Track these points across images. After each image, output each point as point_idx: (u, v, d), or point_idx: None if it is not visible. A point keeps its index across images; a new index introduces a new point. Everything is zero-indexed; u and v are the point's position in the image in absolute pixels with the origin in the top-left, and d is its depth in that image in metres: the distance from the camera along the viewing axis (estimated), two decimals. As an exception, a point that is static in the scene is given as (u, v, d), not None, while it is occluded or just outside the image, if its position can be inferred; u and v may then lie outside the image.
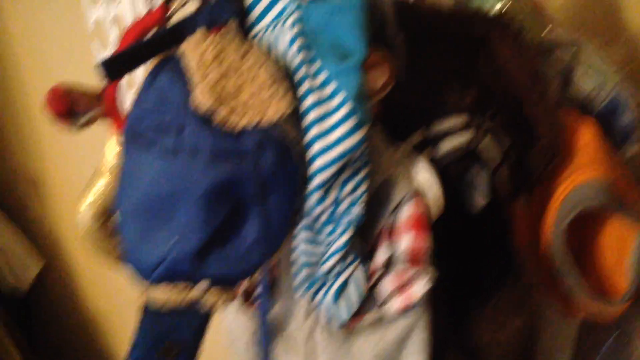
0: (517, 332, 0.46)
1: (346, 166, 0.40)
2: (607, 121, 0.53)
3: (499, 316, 0.46)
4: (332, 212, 0.41)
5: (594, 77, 0.54)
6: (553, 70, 0.53)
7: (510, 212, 0.49)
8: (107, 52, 0.73)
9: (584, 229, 0.52)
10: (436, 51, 0.50)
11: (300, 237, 0.43)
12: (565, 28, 0.55)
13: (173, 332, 0.46)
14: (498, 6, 0.53)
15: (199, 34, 0.41)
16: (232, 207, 0.40)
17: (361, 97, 0.39)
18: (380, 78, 0.41)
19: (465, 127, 0.45)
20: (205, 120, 0.39)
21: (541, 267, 0.50)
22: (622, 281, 0.50)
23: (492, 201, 0.46)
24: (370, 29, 0.41)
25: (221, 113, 0.38)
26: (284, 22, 0.41)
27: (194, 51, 0.41)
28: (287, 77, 0.41)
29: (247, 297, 0.54)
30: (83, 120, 0.44)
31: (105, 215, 0.46)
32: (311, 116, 0.39)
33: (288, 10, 0.42)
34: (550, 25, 0.55)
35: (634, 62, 0.56)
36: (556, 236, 0.49)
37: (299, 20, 0.40)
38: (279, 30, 0.42)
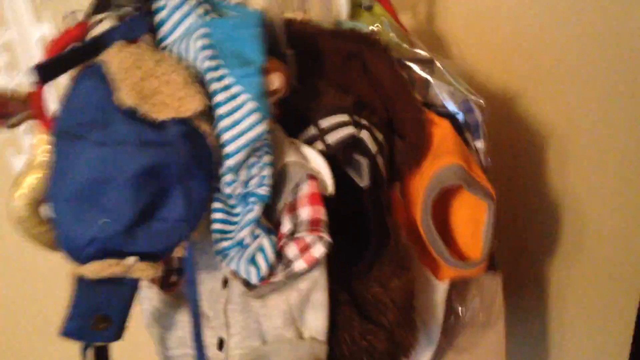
0: (399, 290, 0.56)
1: (252, 152, 0.48)
2: (458, 121, 0.65)
3: (383, 276, 0.56)
4: (243, 192, 0.49)
5: (446, 86, 0.66)
6: (414, 80, 0.65)
7: (389, 194, 0.59)
8: None
9: (446, 207, 0.64)
10: (320, 62, 0.60)
11: (216, 215, 0.50)
12: (422, 47, 0.68)
13: (103, 305, 0.51)
14: (369, 28, 0.65)
15: (117, 45, 0.49)
16: (157, 189, 0.47)
17: (262, 96, 0.48)
18: (275, 82, 0.50)
19: (346, 124, 0.55)
20: (130, 115, 0.47)
21: (415, 237, 0.61)
22: (478, 247, 0.62)
23: (373, 183, 0.56)
24: (266, 43, 0.50)
25: (144, 108, 0.46)
26: (191, 35, 0.50)
27: (114, 58, 0.48)
28: (197, 81, 0.49)
29: (165, 282, 0.61)
30: (12, 121, 0.49)
31: (37, 204, 0.51)
32: (220, 111, 0.48)
33: (195, 26, 0.50)
34: (411, 45, 0.68)
35: (476, 75, 0.70)
36: (424, 211, 0.60)
37: (206, 35, 0.49)
38: (186, 43, 0.50)
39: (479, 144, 0.66)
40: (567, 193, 0.86)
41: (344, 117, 0.55)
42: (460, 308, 0.71)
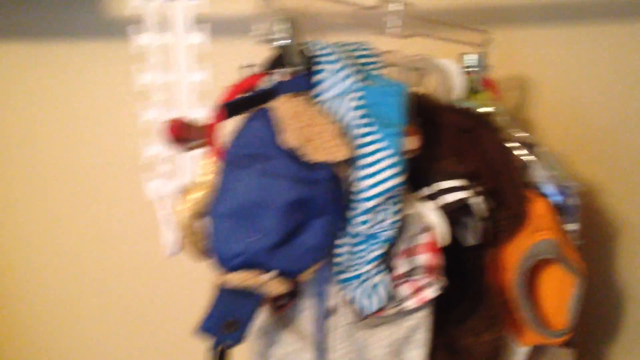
0: (488, 343, 0.62)
1: (388, 199, 0.56)
2: (556, 202, 0.72)
3: (477, 328, 0.62)
4: (372, 231, 0.57)
5: (549, 170, 0.73)
6: (519, 160, 0.72)
7: (485, 256, 0.66)
8: (152, 112, 0.85)
9: (534, 277, 0.69)
10: (439, 132, 0.68)
11: (342, 249, 0.58)
12: (530, 131, 0.76)
13: (236, 310, 0.58)
14: (484, 109, 0.74)
15: (285, 96, 0.59)
16: (301, 218, 0.56)
17: (401, 153, 0.57)
18: (412, 143, 0.59)
19: (463, 187, 0.63)
20: (289, 154, 0.56)
21: (504, 301, 0.67)
22: (562, 319, 0.67)
23: (476, 244, 0.63)
24: (407, 110, 0.59)
25: (303, 150, 0.55)
26: (345, 96, 0.59)
27: (282, 106, 0.58)
28: (346, 133, 0.58)
29: (275, 303, 0.68)
30: (191, 145, 0.59)
31: (197, 216, 0.60)
32: (365, 161, 0.56)
33: (350, 89, 0.60)
34: (520, 129, 0.75)
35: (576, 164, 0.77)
36: (519, 276, 0.66)
37: (360, 97, 0.58)
38: (339, 102, 0.59)
39: (573, 226, 0.72)
40: (633, 285, 0.89)
41: (460, 182, 0.63)
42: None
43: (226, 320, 0.58)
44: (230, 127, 0.59)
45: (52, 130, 1.08)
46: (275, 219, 0.55)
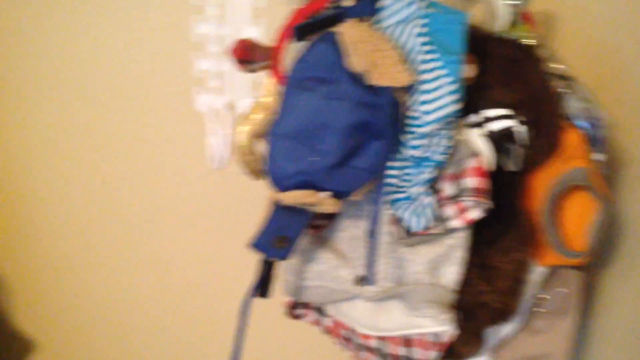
0: (517, 262, 0.68)
1: (444, 125, 0.60)
2: (587, 133, 0.76)
3: (507, 248, 0.67)
4: (425, 155, 0.61)
5: (583, 103, 0.77)
6: (558, 92, 0.75)
7: (521, 181, 0.70)
8: (207, 63, 0.84)
9: (562, 202, 0.74)
10: (489, 62, 0.71)
11: (393, 171, 0.62)
12: (567, 65, 0.78)
13: (287, 227, 0.63)
14: (529, 40, 0.76)
15: (352, 21, 0.60)
16: (359, 141, 0.59)
17: (460, 80, 0.59)
18: (470, 71, 0.61)
19: (509, 115, 0.66)
20: (354, 78, 0.58)
21: (533, 223, 0.72)
22: (581, 242, 0.73)
23: (513, 170, 0.68)
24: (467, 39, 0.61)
25: (368, 75, 0.57)
26: (410, 22, 0.61)
27: (348, 31, 0.59)
28: (409, 59, 0.60)
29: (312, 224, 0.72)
30: (253, 66, 0.61)
31: (256, 137, 0.63)
32: (426, 87, 0.59)
33: (413, 15, 0.61)
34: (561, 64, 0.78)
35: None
36: (549, 200, 0.71)
37: (424, 24, 0.60)
38: (402, 28, 0.61)
39: (601, 156, 0.76)
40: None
41: (507, 111, 0.66)
42: (544, 294, 0.82)
43: (277, 236, 0.62)
44: (295, 50, 0.61)
45: (103, 42, 1.07)
46: (336, 141, 0.58)
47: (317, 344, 1.14)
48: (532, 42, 0.76)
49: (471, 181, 0.61)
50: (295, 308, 0.77)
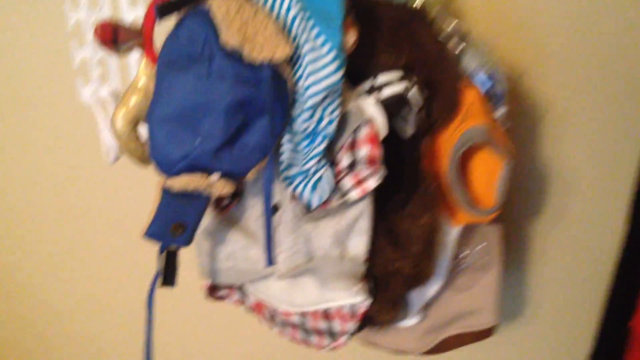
0: (427, 226, 0.67)
1: (328, 95, 0.58)
2: (486, 89, 0.75)
3: (415, 212, 0.67)
4: (314, 128, 0.59)
5: (479, 58, 0.76)
6: (452, 50, 0.74)
7: (420, 145, 0.70)
8: (87, 51, 0.79)
9: (465, 161, 0.74)
10: (376, 27, 0.69)
11: (286, 147, 0.60)
12: (461, 22, 0.78)
13: (182, 213, 0.60)
14: (418, 2, 0.74)
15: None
16: (244, 119, 0.57)
17: (341, 48, 0.57)
18: (351, 38, 0.59)
19: (400, 79, 0.65)
20: (232, 54, 0.55)
21: (439, 184, 0.72)
22: (491, 198, 0.73)
23: (414, 134, 0.67)
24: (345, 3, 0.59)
25: (245, 49, 0.55)
26: None
27: (220, 5, 0.56)
28: (286, 30, 0.58)
29: (219, 204, 0.70)
30: (123, 47, 0.58)
31: (136, 122, 0.60)
32: (306, 59, 0.57)
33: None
34: (454, 20, 0.77)
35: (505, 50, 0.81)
36: (452, 161, 0.70)
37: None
38: None
39: (502, 111, 0.76)
40: (559, 162, 0.97)
41: (397, 74, 0.65)
42: (464, 251, 0.82)
43: (172, 223, 0.60)
44: (166, 27, 0.58)
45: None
46: (218, 122, 0.56)
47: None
48: (422, 2, 0.75)
49: (364, 150, 0.60)
50: (218, 290, 0.75)
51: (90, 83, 0.73)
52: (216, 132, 0.56)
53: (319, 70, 0.57)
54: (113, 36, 0.57)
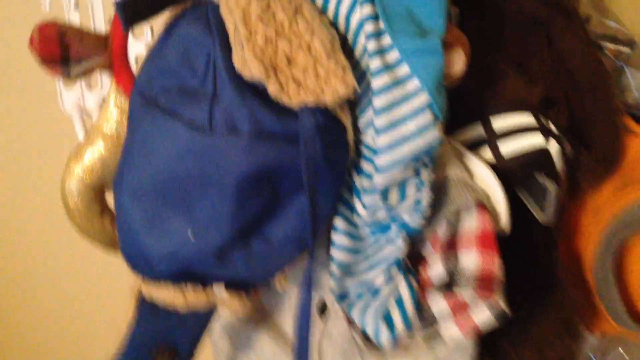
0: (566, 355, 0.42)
1: (415, 162, 0.33)
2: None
3: (543, 337, 0.41)
4: (388, 214, 0.34)
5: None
6: (609, 68, 0.47)
7: (557, 230, 0.44)
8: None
9: (623, 253, 0.48)
10: (494, 28, 0.43)
11: (340, 240, 0.36)
12: (620, 23, 0.50)
13: (169, 332, 0.38)
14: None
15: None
16: (268, 198, 0.33)
17: (439, 86, 0.32)
18: (457, 64, 0.34)
19: (531, 129, 0.39)
20: (247, 89, 0.32)
21: (581, 283, 0.46)
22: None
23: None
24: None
25: (272, 84, 0.30)
26: None
27: (235, 2, 0.32)
28: (346, 48, 0.34)
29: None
30: (76, 69, 0.35)
31: (100, 187, 0.37)
32: (378, 102, 0.32)
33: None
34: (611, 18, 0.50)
35: None
36: (603, 255, 0.44)
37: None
38: None
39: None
40: None
41: (528, 118, 0.39)
42: None
43: (154, 346, 0.38)
44: (147, 37, 0.34)
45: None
46: (225, 203, 0.32)
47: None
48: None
49: (472, 257, 0.35)
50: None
51: (74, 88, 0.50)
52: (221, 219, 0.33)
53: (399, 124, 0.32)
54: (60, 50, 0.34)
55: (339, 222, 0.36)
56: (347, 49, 0.34)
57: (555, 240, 0.42)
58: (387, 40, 0.32)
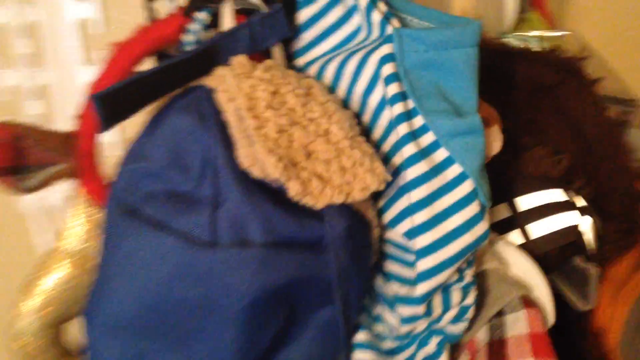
0: None
1: (459, 263, 0.28)
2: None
3: None
4: (424, 328, 0.29)
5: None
6: (620, 130, 0.45)
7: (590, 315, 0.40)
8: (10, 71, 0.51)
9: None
10: (504, 100, 0.39)
11: (362, 358, 0.30)
12: (620, 81, 0.48)
13: None
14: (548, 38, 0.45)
15: (240, 61, 0.28)
16: (283, 320, 0.27)
17: (482, 169, 0.28)
18: (495, 141, 0.30)
19: (564, 207, 0.35)
20: (259, 192, 0.26)
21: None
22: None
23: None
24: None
25: (293, 185, 0.25)
26: (370, 53, 0.29)
27: (237, 88, 0.27)
28: (366, 133, 0.29)
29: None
30: (32, 180, 0.28)
31: (59, 324, 0.30)
32: (416, 194, 0.27)
33: (376, 38, 0.29)
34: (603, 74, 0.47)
35: None
36: (629, 332, 0.40)
37: (392, 56, 0.28)
38: (359, 66, 0.29)
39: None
40: None
41: (558, 195, 0.35)
42: None
43: None
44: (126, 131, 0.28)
45: None
46: (227, 336, 0.26)
47: None
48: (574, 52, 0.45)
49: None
50: None
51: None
52: (226, 356, 0.26)
53: (444, 218, 0.27)
54: (14, 156, 0.27)
55: (361, 336, 0.30)
56: (365, 132, 0.29)
57: (589, 328, 0.38)
58: (418, 121, 0.27)
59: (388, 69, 0.28)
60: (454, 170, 0.27)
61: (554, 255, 0.34)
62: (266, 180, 0.26)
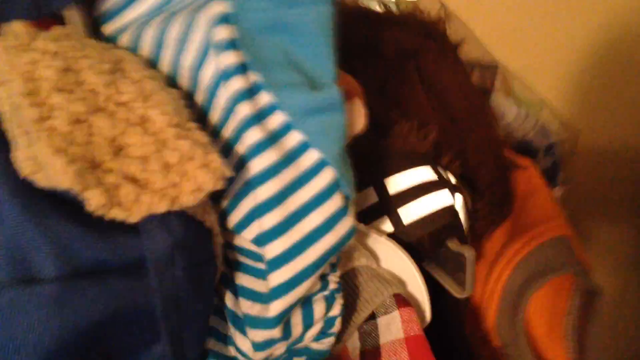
0: None
1: (320, 272, 0.23)
2: (531, 157, 0.44)
3: None
4: (283, 352, 0.24)
5: (514, 105, 0.45)
6: (486, 99, 0.42)
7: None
8: None
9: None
10: (366, 70, 0.35)
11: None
12: (480, 44, 0.45)
13: None
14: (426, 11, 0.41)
15: (14, 29, 0.20)
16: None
17: (343, 153, 0.23)
18: (357, 118, 0.25)
19: (436, 186, 0.31)
20: (48, 207, 0.19)
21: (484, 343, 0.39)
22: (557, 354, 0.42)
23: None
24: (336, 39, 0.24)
25: (92, 197, 0.18)
26: (197, 14, 0.23)
27: (9, 65, 0.20)
28: (201, 118, 0.23)
29: None
30: None
31: None
32: (263, 193, 0.21)
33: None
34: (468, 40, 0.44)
35: (556, 90, 0.48)
36: (503, 311, 0.38)
37: (226, 16, 0.22)
38: (183, 32, 0.23)
39: (557, 190, 0.46)
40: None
41: (428, 173, 0.31)
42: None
43: None
44: None
45: None
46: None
47: None
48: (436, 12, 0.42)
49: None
50: None
51: None
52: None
53: (299, 218, 0.22)
54: None
55: None
56: (199, 117, 0.23)
57: (464, 310, 0.36)
58: (264, 98, 0.22)
59: (222, 33, 0.22)
60: (310, 157, 0.22)
61: (428, 240, 0.31)
62: (57, 191, 0.19)
